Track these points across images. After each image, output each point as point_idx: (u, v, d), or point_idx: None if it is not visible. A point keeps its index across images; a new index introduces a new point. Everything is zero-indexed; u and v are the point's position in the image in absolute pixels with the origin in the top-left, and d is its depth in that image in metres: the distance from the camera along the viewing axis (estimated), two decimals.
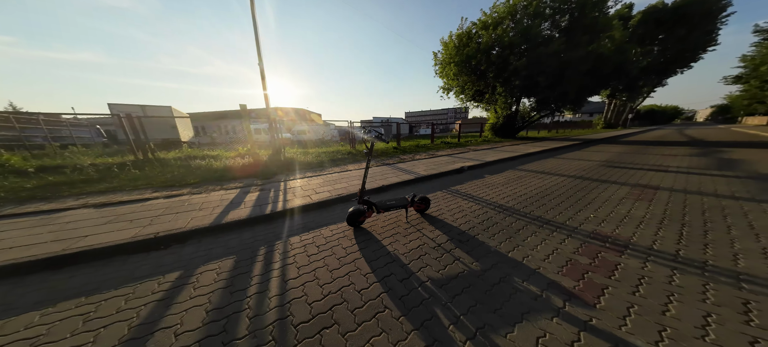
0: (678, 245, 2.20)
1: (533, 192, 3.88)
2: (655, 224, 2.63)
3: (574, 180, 4.59)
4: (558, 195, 3.71)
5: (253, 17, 6.43)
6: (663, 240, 2.29)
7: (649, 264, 1.92)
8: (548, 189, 4.05)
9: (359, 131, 17.07)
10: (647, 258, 2.00)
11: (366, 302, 1.58)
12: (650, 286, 1.67)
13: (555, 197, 3.60)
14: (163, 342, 1.28)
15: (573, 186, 4.22)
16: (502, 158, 6.79)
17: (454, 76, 13.75)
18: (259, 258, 2.09)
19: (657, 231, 2.46)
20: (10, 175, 4.24)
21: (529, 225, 2.64)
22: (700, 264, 1.92)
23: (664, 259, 1.99)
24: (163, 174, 4.61)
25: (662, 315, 1.42)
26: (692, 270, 1.84)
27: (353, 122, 9.74)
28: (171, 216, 2.80)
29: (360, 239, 2.38)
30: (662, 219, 2.74)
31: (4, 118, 8.09)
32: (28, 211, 2.93)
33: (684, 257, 2.01)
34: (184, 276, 1.84)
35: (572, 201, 3.40)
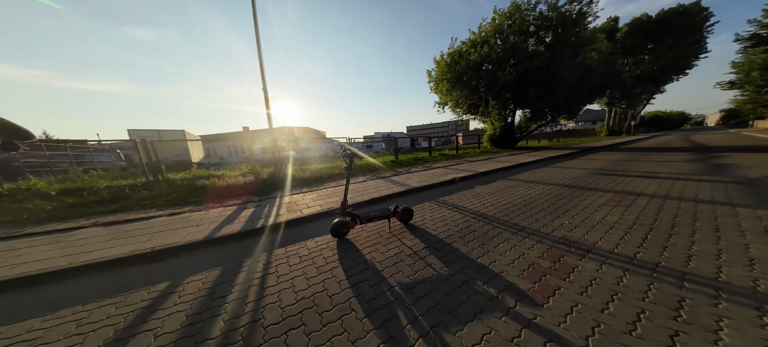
0: (638, 248, 2.28)
1: (517, 201, 3.99)
2: (623, 229, 2.70)
3: (560, 189, 4.67)
4: (540, 203, 3.80)
5: (257, 45, 7.05)
6: (625, 244, 2.37)
7: (604, 267, 2.00)
8: (532, 197, 4.14)
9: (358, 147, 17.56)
10: (605, 262, 2.09)
11: (335, 306, 1.71)
12: (598, 287, 1.76)
13: (537, 205, 3.70)
14: (143, 342, 1.44)
15: (557, 194, 4.30)
16: (496, 168, 6.92)
17: (447, 91, 14.41)
18: (244, 268, 2.25)
19: (623, 236, 2.53)
20: (35, 198, 4.60)
21: (504, 233, 2.75)
22: (652, 266, 1.99)
23: (620, 262, 2.07)
24: (168, 195, 4.92)
25: (600, 312, 1.51)
26: (642, 272, 1.92)
27: (353, 139, 10.25)
28: (170, 232, 3.02)
29: (341, 249, 2.53)
30: (632, 225, 2.81)
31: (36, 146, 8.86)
32: (45, 230, 3.20)
33: (639, 260, 2.09)
34: (172, 285, 2.01)
35: (552, 209, 3.49)
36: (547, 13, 11.92)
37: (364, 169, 7.84)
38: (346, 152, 2.68)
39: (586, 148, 13.59)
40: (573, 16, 11.95)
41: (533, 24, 12.02)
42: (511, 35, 12.04)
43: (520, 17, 11.70)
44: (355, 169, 7.55)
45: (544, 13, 11.91)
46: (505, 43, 12.04)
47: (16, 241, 2.87)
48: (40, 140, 8.61)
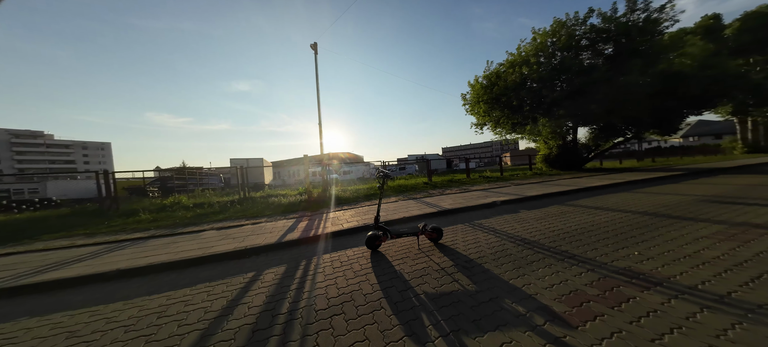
0: (739, 288, 1.83)
1: (572, 228, 3.59)
2: (724, 266, 2.18)
3: (639, 217, 3.91)
4: (603, 231, 3.33)
5: (316, 91, 8.79)
6: (719, 282, 1.94)
7: (673, 301, 1.73)
8: (594, 225, 3.64)
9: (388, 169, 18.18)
10: (677, 296, 1.79)
11: (368, 302, 2.06)
12: (657, 319, 1.56)
13: (597, 233, 3.26)
14: (242, 311, 2.07)
15: (632, 222, 3.65)
16: (550, 193, 6.20)
17: (485, 113, 13.95)
18: (301, 266, 2.86)
19: (719, 273, 2.06)
20: (180, 209, 6.77)
21: (546, 259, 2.60)
22: (751, 307, 1.61)
23: (700, 298, 1.74)
24: (252, 209, 6.40)
25: (650, 342, 1.37)
26: (730, 311, 1.58)
27: (387, 161, 11.07)
28: (254, 236, 4.02)
29: (374, 260, 2.89)
30: (742, 262, 2.22)
31: (179, 170, 13.54)
32: (187, 231, 4.72)
33: (733, 299, 1.70)
34: (257, 275, 2.74)
35: (620, 238, 3.03)
36: (601, 25, 10.76)
37: (396, 190, 8.20)
38: (380, 173, 3.16)
39: (697, 169, 10.47)
40: (639, 23, 10.37)
41: (586, 38, 10.95)
42: (558, 51, 11.20)
43: (567, 33, 10.87)
44: (386, 190, 8.00)
45: (598, 25, 10.79)
46: (551, 60, 11.23)
47: (175, 237, 4.35)
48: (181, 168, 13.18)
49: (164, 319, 1.93)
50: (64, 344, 1.72)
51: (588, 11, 11.27)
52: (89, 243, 4.16)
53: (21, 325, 2.00)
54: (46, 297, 2.47)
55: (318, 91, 9.61)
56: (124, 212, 6.68)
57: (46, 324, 2.00)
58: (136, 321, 1.92)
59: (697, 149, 25.63)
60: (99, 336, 1.78)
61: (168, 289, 2.48)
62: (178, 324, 1.85)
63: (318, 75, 9.92)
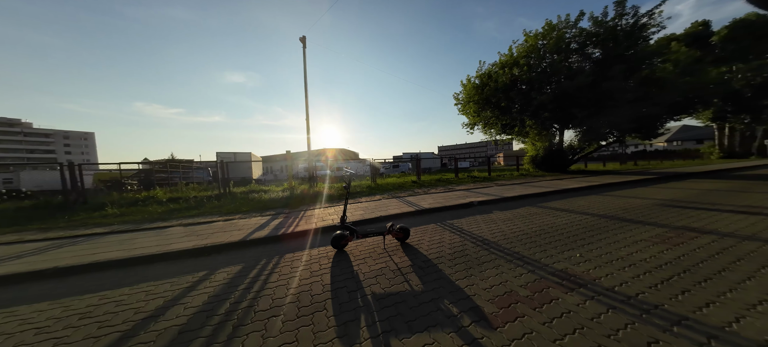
0: (648, 289, 1.92)
1: (532, 230, 3.64)
2: (645, 268, 2.27)
3: (595, 220, 4.02)
4: (559, 234, 3.40)
5: (304, 85, 8.64)
6: (633, 283, 2.02)
7: (587, 303, 1.78)
8: (554, 227, 3.71)
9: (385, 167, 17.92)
10: (593, 298, 1.85)
11: (313, 303, 2.02)
12: (567, 320, 1.61)
13: (554, 236, 3.33)
14: (176, 311, 1.98)
15: (588, 225, 3.74)
16: (527, 194, 6.30)
17: (475, 113, 14.09)
18: (258, 266, 2.78)
19: (639, 275, 2.14)
20: (154, 203, 6.52)
21: (497, 260, 2.62)
22: (649, 307, 1.70)
23: (611, 300, 1.82)
24: (229, 205, 6.23)
25: (552, 342, 1.39)
26: (630, 312, 1.66)
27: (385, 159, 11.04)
28: (221, 233, 3.90)
29: (336, 260, 2.85)
30: (662, 265, 2.32)
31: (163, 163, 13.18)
32: (151, 227, 4.54)
33: (638, 300, 1.79)
34: (208, 274, 2.65)
35: (570, 241, 3.10)
36: (591, 29, 10.93)
37: (383, 188, 8.18)
38: (345, 173, 3.11)
39: (670, 174, 10.86)
40: (627, 28, 10.58)
41: (575, 41, 11.10)
42: (548, 54, 11.34)
43: (558, 35, 11.00)
44: (373, 189, 7.98)
45: (588, 29, 10.94)
46: (540, 62, 11.37)
47: (137, 233, 4.17)
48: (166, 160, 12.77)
49: (86, 321, 1.83)
50: None
51: (579, 14, 11.33)
52: (39, 238, 3.95)
53: None
54: None
55: (306, 85, 9.45)
56: (92, 206, 6.39)
57: None
58: (54, 323, 1.81)
59: (678, 153, 26.73)
60: (2, 339, 1.67)
61: (106, 289, 2.37)
62: (99, 326, 1.76)
63: (306, 69, 9.75)
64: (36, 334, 1.67)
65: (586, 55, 11.13)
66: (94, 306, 2.03)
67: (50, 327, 1.75)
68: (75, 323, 1.80)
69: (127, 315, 1.91)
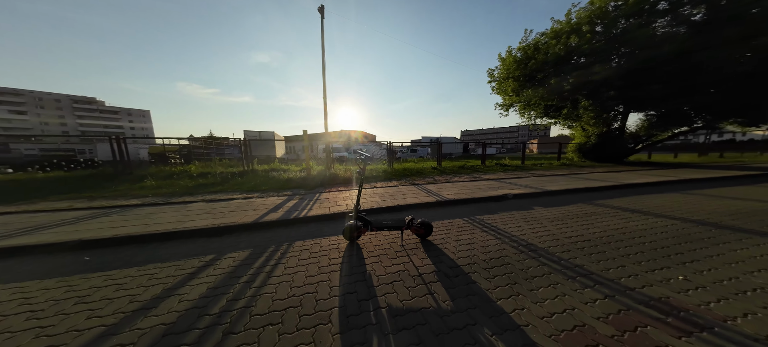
0: None
1: (594, 235, 2.87)
2: None
3: (691, 227, 3.06)
4: (637, 243, 2.60)
5: (322, 58, 8.11)
6: None
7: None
8: (624, 233, 2.90)
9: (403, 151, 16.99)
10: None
11: (317, 311, 1.67)
12: None
13: (628, 245, 2.55)
14: (172, 304, 1.78)
15: (680, 233, 2.84)
16: (576, 188, 5.26)
17: (513, 91, 12.24)
18: (266, 253, 2.54)
19: None
20: (186, 178, 6.88)
21: (553, 274, 2.01)
22: None
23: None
24: (250, 182, 6.28)
25: None
26: None
27: (400, 142, 10.38)
28: (236, 212, 3.80)
29: (348, 253, 2.49)
30: None
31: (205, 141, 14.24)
32: (177, 201, 4.68)
33: None
34: (215, 259, 2.47)
35: (658, 255, 2.32)
36: None
37: (400, 174, 7.63)
38: (359, 156, 2.64)
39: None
40: None
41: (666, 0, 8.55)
42: (622, 18, 8.99)
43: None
44: (390, 173, 7.46)
45: None
46: (610, 29, 9.11)
47: (162, 207, 4.31)
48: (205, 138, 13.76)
49: (79, 307, 1.70)
50: None
51: None
52: (84, 206, 4.26)
53: None
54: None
55: (323, 58, 8.89)
56: (135, 177, 6.94)
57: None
58: (49, 306, 1.72)
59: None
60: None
61: (115, 267, 2.31)
62: (89, 316, 1.62)
63: (324, 41, 9.14)
64: (26, 320, 1.58)
65: (681, 18, 8.57)
66: (95, 289, 1.94)
67: (43, 313, 1.65)
68: (68, 309, 1.69)
69: (121, 303, 1.76)
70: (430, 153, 18.97)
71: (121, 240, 2.83)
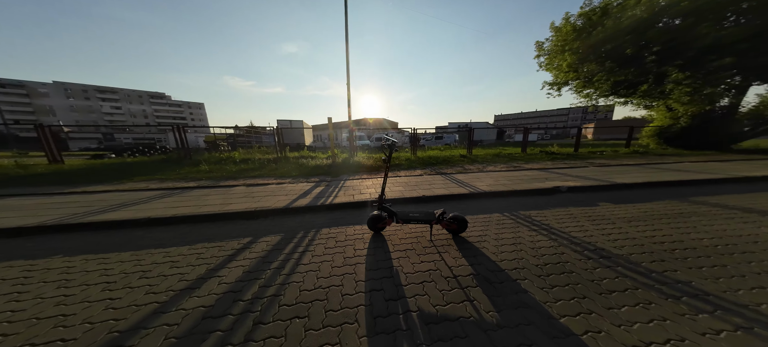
0: None
1: (701, 241, 2.21)
2: None
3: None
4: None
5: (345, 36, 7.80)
6: None
7: None
8: (750, 240, 2.15)
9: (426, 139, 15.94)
10: None
11: (343, 308, 1.59)
12: None
13: (760, 258, 1.87)
14: (210, 286, 1.89)
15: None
16: (659, 181, 4.20)
17: (569, 67, 10.18)
18: (294, 240, 2.57)
19: None
20: (230, 163, 7.63)
21: (642, 290, 1.58)
22: None
23: None
24: (283, 169, 6.63)
25: None
26: None
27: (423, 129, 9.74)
28: (271, 197, 4.00)
29: (373, 245, 2.37)
30: None
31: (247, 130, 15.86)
32: (223, 185, 5.16)
33: None
34: (251, 242, 2.59)
35: None
36: None
37: (424, 162, 7.14)
38: (384, 143, 2.40)
39: None
40: None
41: None
42: None
43: None
44: (413, 162, 7.04)
45: None
46: None
47: (211, 190, 4.78)
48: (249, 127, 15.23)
49: (142, 281, 1.91)
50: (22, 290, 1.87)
51: None
52: (156, 187, 4.97)
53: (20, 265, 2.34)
54: (82, 236, 2.91)
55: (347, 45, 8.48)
56: (194, 162, 7.93)
57: (37, 268, 2.27)
58: (121, 278, 1.97)
59: None
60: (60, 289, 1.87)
61: (173, 244, 2.58)
62: (147, 291, 1.80)
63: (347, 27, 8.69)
64: (102, 290, 1.82)
65: None
66: (155, 265, 2.17)
67: (115, 285, 1.90)
68: (134, 283, 1.90)
69: (173, 281, 1.93)
70: (458, 140, 17.65)
71: (180, 219, 3.18)
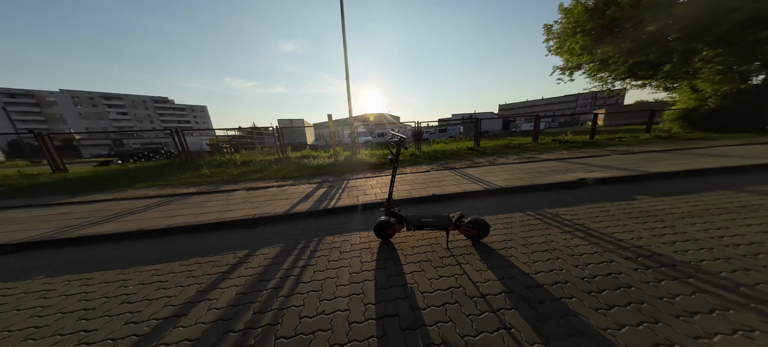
0: None
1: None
2: None
3: None
4: None
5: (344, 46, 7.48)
6: None
7: None
8: None
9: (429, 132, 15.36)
10: None
11: (350, 341, 1.35)
12: None
13: None
14: (200, 311, 1.67)
15: None
16: (701, 169, 3.80)
17: (582, 49, 9.63)
18: (295, 252, 2.33)
19: None
20: (232, 166, 7.46)
21: (735, 311, 1.27)
22: None
23: None
24: (285, 170, 6.41)
25: None
26: None
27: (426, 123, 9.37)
28: (271, 202, 3.77)
29: (381, 256, 2.11)
30: None
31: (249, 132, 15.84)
32: (223, 190, 4.98)
33: None
34: (247, 255, 2.36)
35: None
36: None
37: (430, 157, 6.81)
38: (392, 139, 2.11)
39: None
40: None
41: None
42: None
43: None
44: (418, 157, 6.72)
45: None
46: None
47: (210, 196, 4.60)
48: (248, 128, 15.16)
49: (123, 307, 1.70)
50: None
51: None
52: (155, 194, 4.82)
53: None
54: (71, 252, 2.74)
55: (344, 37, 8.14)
56: (195, 166, 7.80)
57: (15, 292, 2.08)
58: (100, 304, 1.76)
59: None
60: (33, 318, 1.67)
61: (164, 259, 2.38)
62: (126, 320, 1.58)
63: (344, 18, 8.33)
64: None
65: None
66: (140, 286, 1.96)
67: (93, 310, 1.69)
68: (113, 309, 1.69)
69: (155, 307, 1.71)
70: (462, 132, 17.22)
71: (174, 230, 2.98)
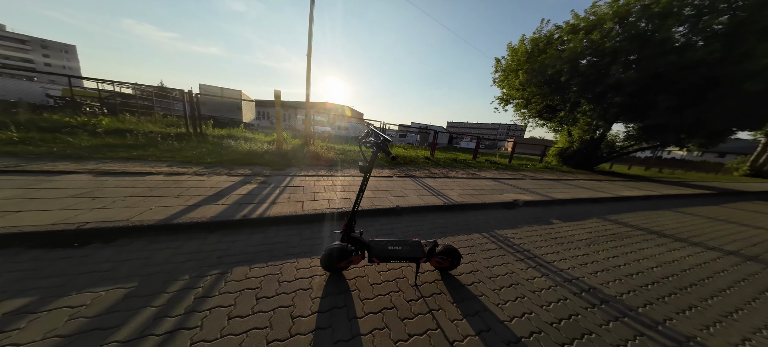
0: None
1: (660, 272, 2.20)
2: None
3: (742, 263, 2.57)
4: (722, 288, 1.95)
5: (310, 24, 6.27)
6: None
7: None
8: (688, 269, 2.27)
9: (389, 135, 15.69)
10: None
11: None
12: None
13: (714, 292, 1.88)
14: None
15: (745, 272, 2.29)
16: (579, 198, 4.76)
17: (520, 85, 11.69)
18: (162, 298, 1.30)
19: None
20: (84, 133, 4.80)
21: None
22: None
23: None
24: (192, 150, 4.60)
25: None
26: None
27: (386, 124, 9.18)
28: (142, 199, 2.36)
29: (329, 299, 1.40)
30: None
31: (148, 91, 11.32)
32: (44, 170, 2.96)
33: None
34: (32, 320, 1.18)
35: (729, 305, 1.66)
36: None
37: (390, 162, 6.58)
38: (369, 139, 1.46)
39: (724, 190, 9.39)
40: None
41: (694, 5, 8.03)
42: (646, 19, 8.46)
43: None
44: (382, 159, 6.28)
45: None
46: (632, 29, 8.58)
47: (14, 177, 2.61)
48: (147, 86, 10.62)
49: None
50: None
51: None
52: None
53: None
54: None
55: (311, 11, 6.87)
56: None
57: None
58: None
59: (699, 165, 24.95)
60: None
61: None
62: None
63: None
64: None
65: (700, 28, 8.13)
66: None
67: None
68: None
69: None
70: (419, 140, 18.16)
71: None
